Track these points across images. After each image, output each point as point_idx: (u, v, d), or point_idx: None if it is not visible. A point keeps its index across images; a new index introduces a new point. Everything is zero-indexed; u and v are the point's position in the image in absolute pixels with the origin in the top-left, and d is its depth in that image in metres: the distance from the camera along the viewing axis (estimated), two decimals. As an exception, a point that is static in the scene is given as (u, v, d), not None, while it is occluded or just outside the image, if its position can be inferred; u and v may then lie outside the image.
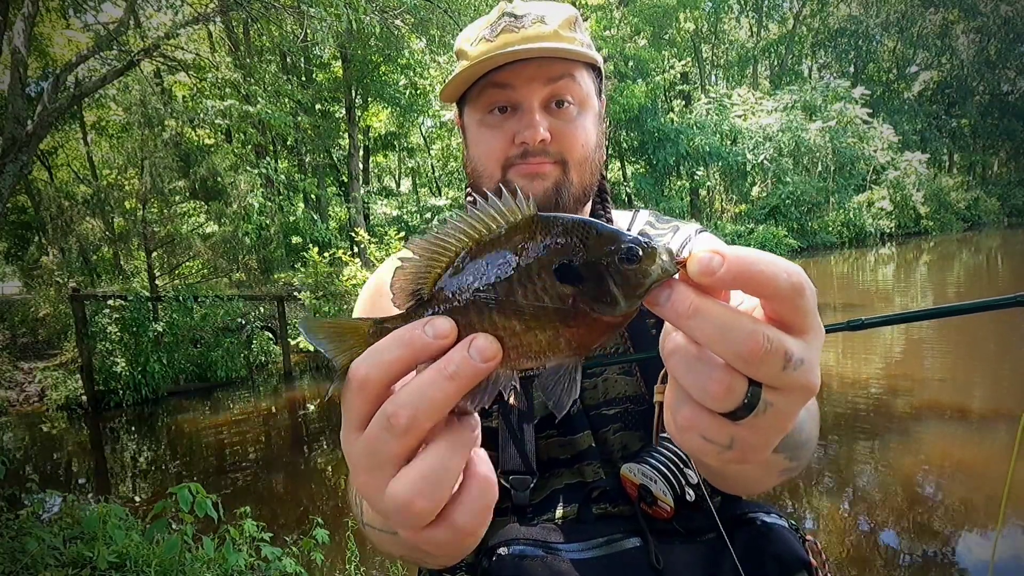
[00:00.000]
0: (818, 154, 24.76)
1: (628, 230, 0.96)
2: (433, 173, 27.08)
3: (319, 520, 2.99)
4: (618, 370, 0.89)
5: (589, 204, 0.96)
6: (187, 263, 11.83)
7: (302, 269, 11.06)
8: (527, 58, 0.80)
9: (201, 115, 12.16)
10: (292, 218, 14.19)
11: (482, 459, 0.39)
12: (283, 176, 14.33)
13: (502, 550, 0.78)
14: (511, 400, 0.84)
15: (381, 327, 0.38)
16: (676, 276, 0.34)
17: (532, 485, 0.83)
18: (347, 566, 2.97)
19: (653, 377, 0.85)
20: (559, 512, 0.84)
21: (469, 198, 0.96)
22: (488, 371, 0.33)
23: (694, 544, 0.78)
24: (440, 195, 26.61)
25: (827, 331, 0.46)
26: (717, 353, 0.33)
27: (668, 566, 0.76)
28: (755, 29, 32.39)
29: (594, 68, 0.88)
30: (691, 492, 0.79)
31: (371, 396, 0.35)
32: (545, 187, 0.84)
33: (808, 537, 0.85)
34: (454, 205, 18.69)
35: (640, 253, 0.33)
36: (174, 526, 2.83)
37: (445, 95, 0.89)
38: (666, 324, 0.36)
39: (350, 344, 0.38)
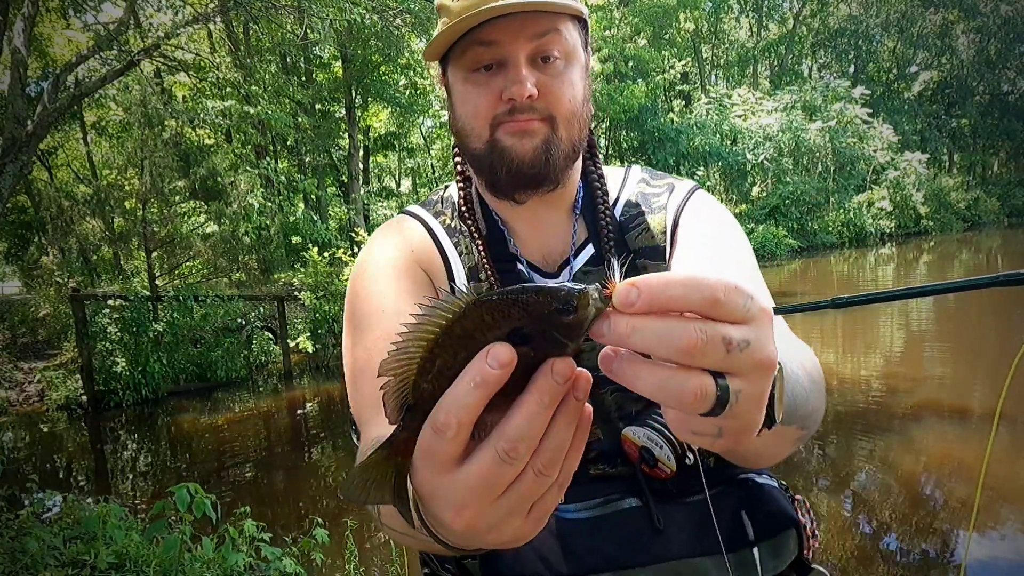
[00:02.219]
0: (818, 154, 24.76)
1: (621, 189, 0.98)
2: (433, 173, 27.08)
3: (319, 520, 2.99)
4: None
5: (579, 161, 0.95)
6: (187, 263, 11.83)
7: (302, 269, 11.06)
8: (511, 12, 0.78)
9: (201, 115, 12.16)
10: (292, 218, 14.19)
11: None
12: (283, 177, 14.32)
13: None
14: None
15: (391, 447, 0.42)
16: (608, 307, 0.38)
17: None
18: (347, 566, 2.97)
19: None
20: None
21: (457, 158, 0.95)
22: (567, 391, 0.38)
23: (688, 504, 0.80)
24: (440, 195, 26.65)
25: (812, 309, 0.52)
26: (662, 357, 0.37)
27: (665, 525, 0.78)
28: (755, 29, 32.39)
29: (580, 20, 0.86)
30: (690, 456, 0.81)
31: (464, 439, 0.39)
32: (534, 144, 0.83)
33: (797, 496, 0.87)
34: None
35: (575, 303, 0.37)
36: (174, 526, 2.83)
37: (428, 54, 0.88)
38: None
39: (380, 473, 0.43)
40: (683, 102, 27.18)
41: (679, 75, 24.68)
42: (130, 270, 13.24)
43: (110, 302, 9.43)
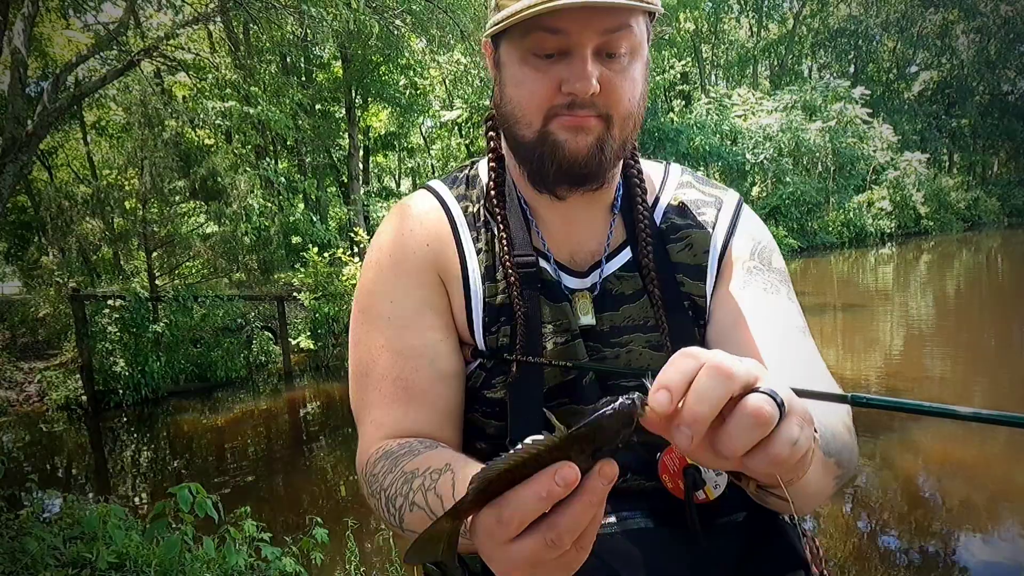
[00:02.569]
0: (818, 154, 24.76)
1: (661, 188, 0.94)
2: (433, 173, 27.08)
3: (318, 519, 2.99)
4: (645, 343, 0.86)
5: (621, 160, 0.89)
6: (187, 263, 11.82)
7: (302, 269, 11.06)
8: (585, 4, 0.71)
9: (201, 116, 12.16)
10: (292, 218, 14.18)
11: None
12: (283, 178, 14.31)
13: None
14: None
15: (456, 513, 0.48)
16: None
17: None
18: (347, 566, 2.97)
19: None
20: None
21: (492, 136, 0.90)
22: (608, 490, 0.45)
23: (697, 532, 0.78)
24: (440, 195, 26.62)
25: (821, 399, 0.60)
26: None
27: (671, 548, 0.77)
28: (755, 29, 32.39)
29: (650, 14, 0.81)
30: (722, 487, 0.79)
31: (519, 529, 0.45)
32: (588, 142, 0.78)
33: (806, 533, 0.86)
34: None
35: (637, 420, 0.45)
36: (174, 526, 2.83)
37: (490, 32, 0.81)
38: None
39: (440, 534, 0.49)
40: (683, 102, 27.18)
41: (679, 75, 24.67)
42: (130, 270, 13.22)
43: (110, 302, 9.42)
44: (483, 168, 0.94)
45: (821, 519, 3.97)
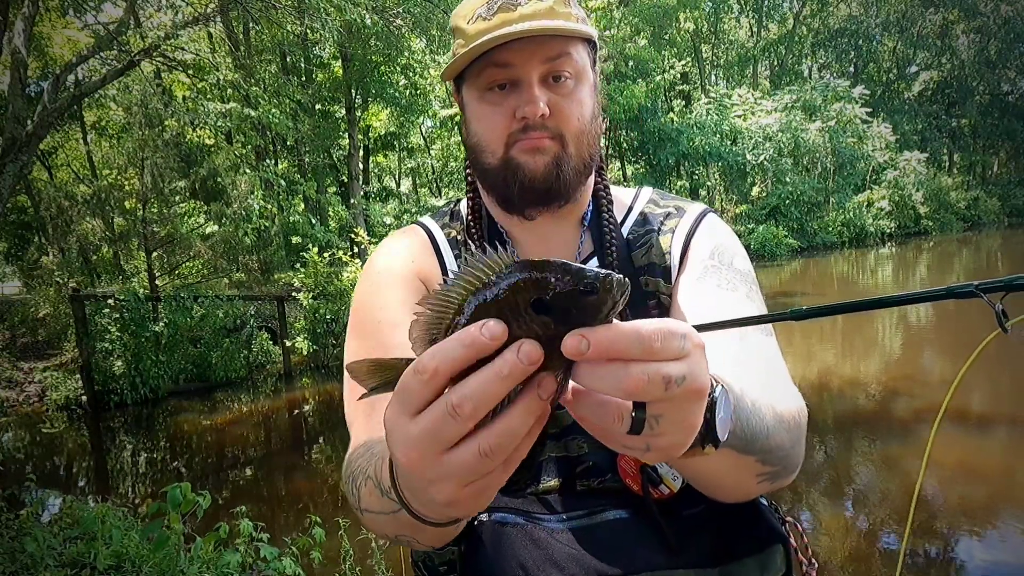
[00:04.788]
0: (818, 154, 24.75)
1: (631, 207, 1.01)
2: (433, 173, 27.10)
3: (317, 519, 2.99)
4: None
5: (592, 178, 0.97)
6: (187, 263, 11.83)
7: (302, 269, 11.07)
8: (525, 36, 0.82)
9: (202, 116, 12.17)
10: (292, 219, 14.19)
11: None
12: (283, 180, 14.32)
13: (483, 516, 0.81)
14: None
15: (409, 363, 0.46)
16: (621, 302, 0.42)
17: None
18: (342, 565, 2.97)
19: None
20: (543, 484, 0.86)
21: (469, 171, 0.99)
22: (530, 372, 0.40)
23: (675, 517, 0.80)
24: (440, 195, 26.63)
25: (769, 321, 0.64)
26: (613, 395, 0.42)
27: (651, 537, 0.78)
28: (755, 29, 32.39)
29: (589, 42, 0.90)
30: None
31: (436, 387, 0.42)
32: (545, 161, 0.86)
33: (787, 519, 0.88)
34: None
35: (597, 286, 0.41)
36: (172, 525, 2.84)
37: (446, 74, 0.92)
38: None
39: (387, 376, 0.47)
40: (683, 102, 27.17)
41: (679, 75, 24.65)
42: (130, 270, 13.24)
43: (110, 302, 9.42)
44: (464, 204, 1.04)
45: (821, 519, 3.97)
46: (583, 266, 0.41)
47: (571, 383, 0.44)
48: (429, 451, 0.42)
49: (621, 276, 0.42)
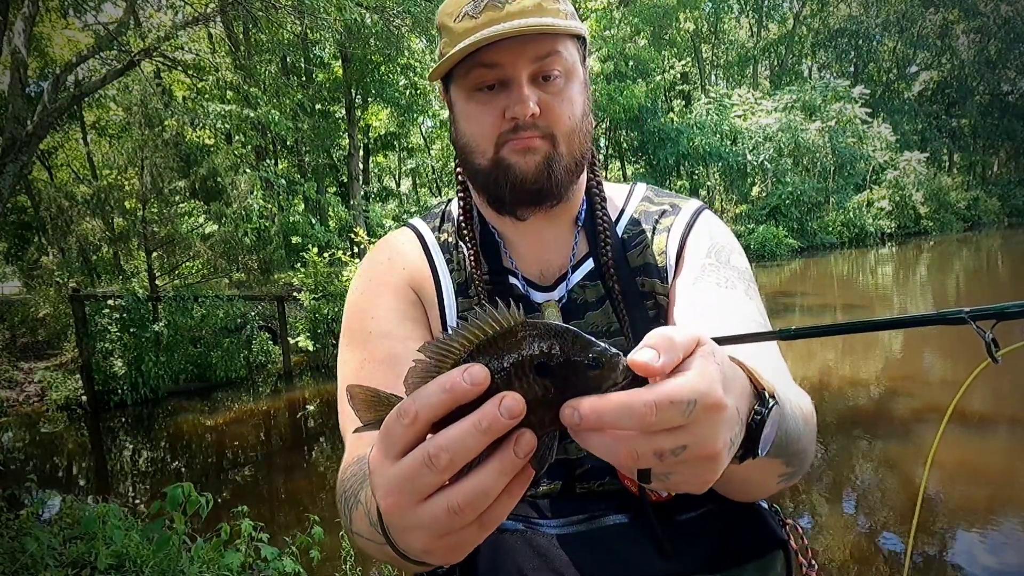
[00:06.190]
0: (818, 154, 24.75)
1: (625, 205, 1.00)
2: (433, 173, 27.08)
3: (316, 519, 2.99)
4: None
5: (584, 175, 0.95)
6: (187, 263, 11.82)
7: (302, 269, 11.06)
8: (513, 35, 0.80)
9: (202, 116, 12.17)
10: (292, 219, 14.18)
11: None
12: (283, 180, 14.33)
13: None
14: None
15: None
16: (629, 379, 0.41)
17: None
18: (343, 565, 2.97)
19: None
20: (543, 488, 0.86)
21: (459, 171, 0.96)
22: (511, 427, 0.39)
23: (675, 522, 0.80)
24: (440, 195, 26.62)
25: (761, 340, 0.61)
26: (607, 460, 0.41)
27: (651, 543, 0.78)
28: (755, 29, 32.39)
29: (579, 38, 0.88)
30: None
31: (417, 432, 0.41)
32: (536, 160, 0.84)
33: (788, 521, 0.87)
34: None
35: (602, 363, 0.41)
36: (173, 526, 2.84)
37: (433, 75, 0.90)
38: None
39: (380, 413, 0.46)
40: (683, 102, 27.18)
41: (679, 75, 24.66)
42: (130, 270, 13.22)
43: (110, 302, 9.42)
44: (455, 205, 1.01)
45: (821, 519, 3.97)
46: (593, 340, 0.42)
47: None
48: (406, 499, 0.41)
49: (626, 361, 0.41)
